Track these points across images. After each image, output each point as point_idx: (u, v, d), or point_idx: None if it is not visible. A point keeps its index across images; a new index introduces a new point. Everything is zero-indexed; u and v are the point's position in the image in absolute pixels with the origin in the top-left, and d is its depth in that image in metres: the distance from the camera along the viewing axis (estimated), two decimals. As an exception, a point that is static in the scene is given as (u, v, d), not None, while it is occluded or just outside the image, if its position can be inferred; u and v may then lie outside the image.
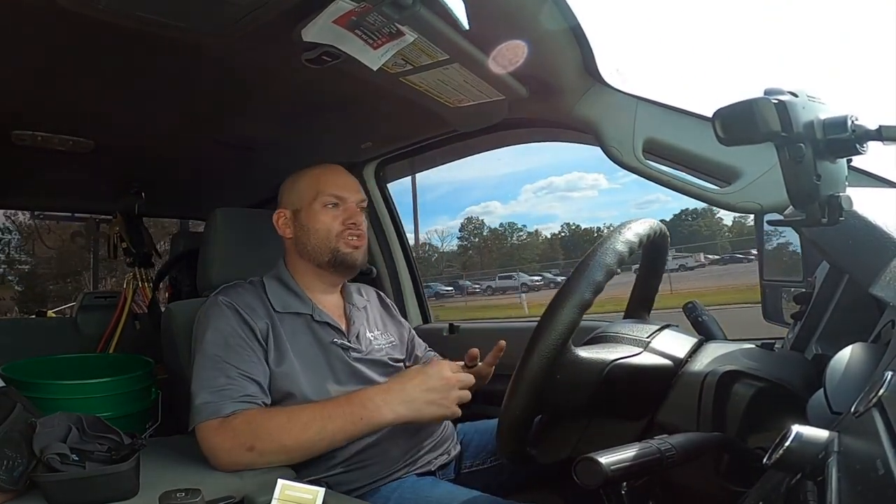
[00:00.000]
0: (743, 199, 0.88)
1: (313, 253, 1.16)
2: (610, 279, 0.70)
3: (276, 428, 0.95)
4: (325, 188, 1.16)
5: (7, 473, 0.81)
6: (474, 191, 38.86)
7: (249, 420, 0.96)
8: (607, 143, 1.02)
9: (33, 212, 2.97)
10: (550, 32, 0.91)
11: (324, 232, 1.15)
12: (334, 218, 1.15)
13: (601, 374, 0.72)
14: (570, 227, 26.19)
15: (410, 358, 1.34)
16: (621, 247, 0.72)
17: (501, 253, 23.65)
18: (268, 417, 0.97)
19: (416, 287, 1.88)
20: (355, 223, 1.16)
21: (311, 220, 1.16)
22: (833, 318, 0.77)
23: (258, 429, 0.94)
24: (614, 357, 0.74)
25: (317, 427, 0.95)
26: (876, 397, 0.37)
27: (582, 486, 0.55)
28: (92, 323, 2.05)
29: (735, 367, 0.70)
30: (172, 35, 0.89)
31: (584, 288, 0.68)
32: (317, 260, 1.16)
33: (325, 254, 1.15)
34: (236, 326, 1.06)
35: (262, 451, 0.93)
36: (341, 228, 1.15)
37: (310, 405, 0.99)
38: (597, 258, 0.70)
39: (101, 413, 1.04)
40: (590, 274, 0.69)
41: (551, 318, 0.68)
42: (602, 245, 0.72)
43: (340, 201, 1.16)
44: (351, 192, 1.18)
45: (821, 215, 0.55)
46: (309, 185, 1.18)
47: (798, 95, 0.52)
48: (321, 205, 1.15)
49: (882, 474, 0.30)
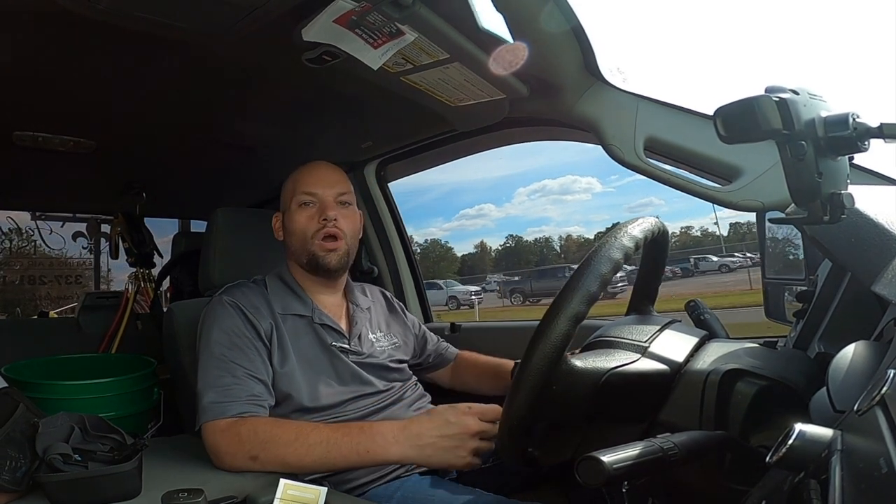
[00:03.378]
0: (744, 197, 0.88)
1: (296, 255, 1.16)
2: (616, 272, 0.70)
3: (281, 444, 0.93)
4: (299, 187, 1.16)
5: (10, 474, 0.81)
6: (468, 193, 38.92)
7: (257, 429, 0.95)
8: (608, 141, 1.02)
9: (34, 212, 2.97)
10: (551, 31, 0.91)
11: (300, 234, 1.14)
12: (309, 218, 1.14)
13: (598, 382, 0.71)
14: (514, 237, 27.97)
15: (422, 355, 1.35)
16: (627, 241, 0.73)
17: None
18: (276, 432, 0.95)
19: (417, 286, 1.88)
20: (326, 218, 1.12)
21: (290, 222, 1.16)
22: (835, 316, 0.76)
23: (264, 441, 0.94)
24: (611, 366, 0.72)
25: (321, 451, 0.93)
26: (879, 395, 0.37)
27: (584, 485, 0.54)
28: (94, 323, 2.05)
29: (737, 366, 0.70)
30: (173, 35, 0.89)
31: (578, 302, 0.67)
32: (300, 262, 1.16)
33: (303, 256, 1.15)
34: (241, 326, 1.06)
35: (263, 462, 0.93)
36: (316, 228, 1.13)
37: (320, 427, 0.96)
38: (602, 253, 0.71)
39: (103, 413, 1.04)
40: (595, 267, 0.69)
41: (546, 331, 0.67)
42: (606, 241, 0.73)
43: (313, 197, 1.14)
44: (324, 187, 1.15)
45: (822, 213, 0.55)
46: (290, 186, 1.18)
47: (799, 93, 0.52)
48: (297, 205, 1.15)
49: (885, 472, 0.30)
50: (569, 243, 26.38)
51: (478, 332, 1.71)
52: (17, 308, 4.66)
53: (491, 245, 27.55)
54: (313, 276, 1.17)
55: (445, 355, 1.39)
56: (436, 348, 1.38)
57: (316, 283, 1.18)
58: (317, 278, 1.17)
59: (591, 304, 0.67)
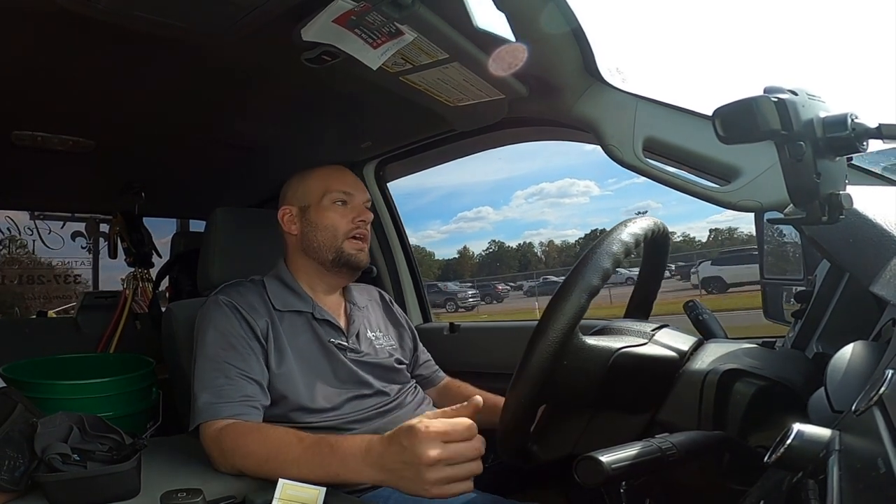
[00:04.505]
0: (743, 198, 0.88)
1: (319, 250, 1.16)
2: (617, 267, 0.71)
3: (258, 459, 0.90)
4: (335, 185, 1.18)
5: (8, 473, 0.81)
6: (466, 196, 38.93)
7: (237, 439, 0.93)
8: (607, 141, 1.02)
9: (33, 212, 2.97)
10: (551, 31, 0.91)
11: (331, 229, 1.15)
12: (343, 216, 1.16)
13: (607, 361, 0.73)
14: (497, 243, 29.65)
15: (412, 365, 1.32)
16: (627, 237, 0.74)
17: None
18: (253, 448, 0.91)
19: (416, 286, 1.88)
20: (364, 220, 1.17)
21: (320, 217, 1.16)
22: (834, 316, 0.77)
23: (244, 455, 0.91)
24: (620, 345, 0.74)
25: (295, 471, 0.85)
26: (877, 395, 0.37)
27: (583, 485, 0.55)
28: (93, 323, 2.05)
29: (736, 366, 0.70)
30: (172, 35, 0.89)
31: (592, 275, 0.69)
32: (321, 258, 1.16)
33: (329, 252, 1.15)
34: (237, 326, 1.06)
35: (245, 471, 0.92)
36: (349, 227, 1.16)
37: (293, 445, 0.89)
38: (603, 247, 0.72)
39: (102, 413, 1.04)
40: (597, 261, 0.70)
41: (561, 303, 0.68)
42: (609, 236, 0.74)
43: (349, 199, 1.18)
44: (358, 191, 1.20)
45: (821, 213, 0.55)
46: (318, 182, 1.19)
47: (798, 94, 0.52)
48: (330, 201, 1.16)
49: (883, 473, 0.30)
50: (550, 248, 26.62)
51: (477, 332, 1.71)
52: (16, 308, 4.65)
53: (474, 251, 27.88)
54: (332, 272, 1.17)
55: (433, 378, 1.36)
56: (425, 366, 1.35)
57: (323, 281, 1.18)
58: (333, 276, 1.18)
59: (604, 279, 0.69)
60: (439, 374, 1.37)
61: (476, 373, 1.44)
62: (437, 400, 1.30)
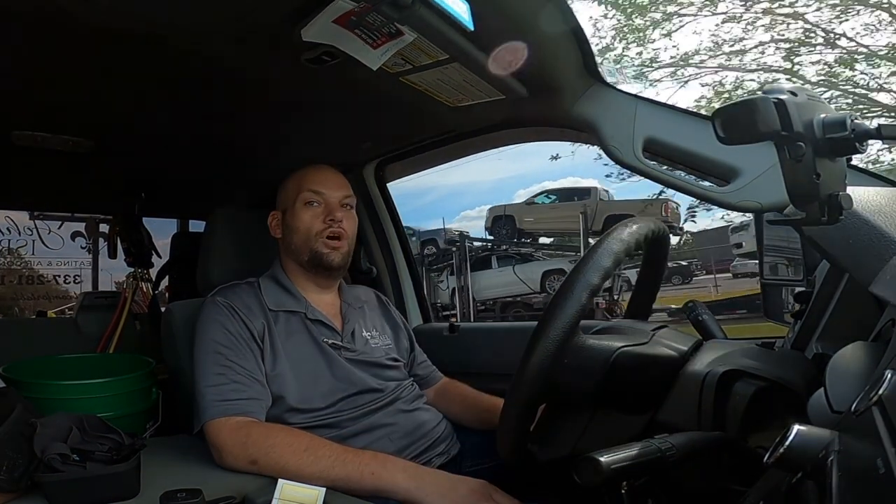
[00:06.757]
0: (743, 198, 0.88)
1: (297, 252, 1.17)
2: (618, 265, 0.72)
3: (290, 453, 0.92)
4: (305, 185, 1.17)
5: (8, 474, 0.81)
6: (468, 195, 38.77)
7: (266, 432, 0.95)
8: (607, 142, 1.02)
9: (33, 212, 2.97)
10: (550, 32, 0.91)
11: (304, 231, 1.15)
12: (314, 216, 1.16)
13: (608, 360, 0.73)
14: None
15: (409, 366, 1.32)
16: (628, 237, 0.75)
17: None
18: (289, 439, 0.94)
19: (416, 287, 1.88)
20: (333, 219, 1.15)
21: (294, 219, 1.17)
22: (833, 317, 0.77)
23: (272, 448, 0.92)
24: (621, 344, 0.75)
25: (327, 463, 0.91)
26: (876, 396, 0.37)
27: (582, 485, 0.55)
28: (92, 323, 2.05)
29: (735, 367, 0.70)
30: (172, 35, 0.89)
31: (593, 273, 0.69)
32: (299, 259, 1.17)
33: (305, 253, 1.16)
34: (236, 326, 1.06)
35: (261, 467, 0.92)
36: (321, 227, 1.15)
37: (332, 443, 0.96)
38: (604, 246, 0.73)
39: (101, 413, 1.04)
40: (598, 260, 0.71)
41: (562, 301, 0.68)
42: (610, 235, 0.75)
43: (319, 197, 1.17)
44: (331, 188, 1.18)
45: (820, 214, 0.55)
46: (294, 183, 1.19)
47: (798, 94, 0.52)
48: (302, 203, 1.17)
49: (882, 473, 0.30)
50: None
51: (477, 332, 1.71)
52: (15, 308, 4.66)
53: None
54: (312, 273, 1.17)
55: (430, 378, 1.35)
56: (422, 367, 1.35)
57: (311, 281, 1.19)
58: (314, 276, 1.18)
59: (605, 278, 0.70)
60: (437, 375, 1.37)
61: (476, 373, 1.44)
62: (434, 400, 1.30)
